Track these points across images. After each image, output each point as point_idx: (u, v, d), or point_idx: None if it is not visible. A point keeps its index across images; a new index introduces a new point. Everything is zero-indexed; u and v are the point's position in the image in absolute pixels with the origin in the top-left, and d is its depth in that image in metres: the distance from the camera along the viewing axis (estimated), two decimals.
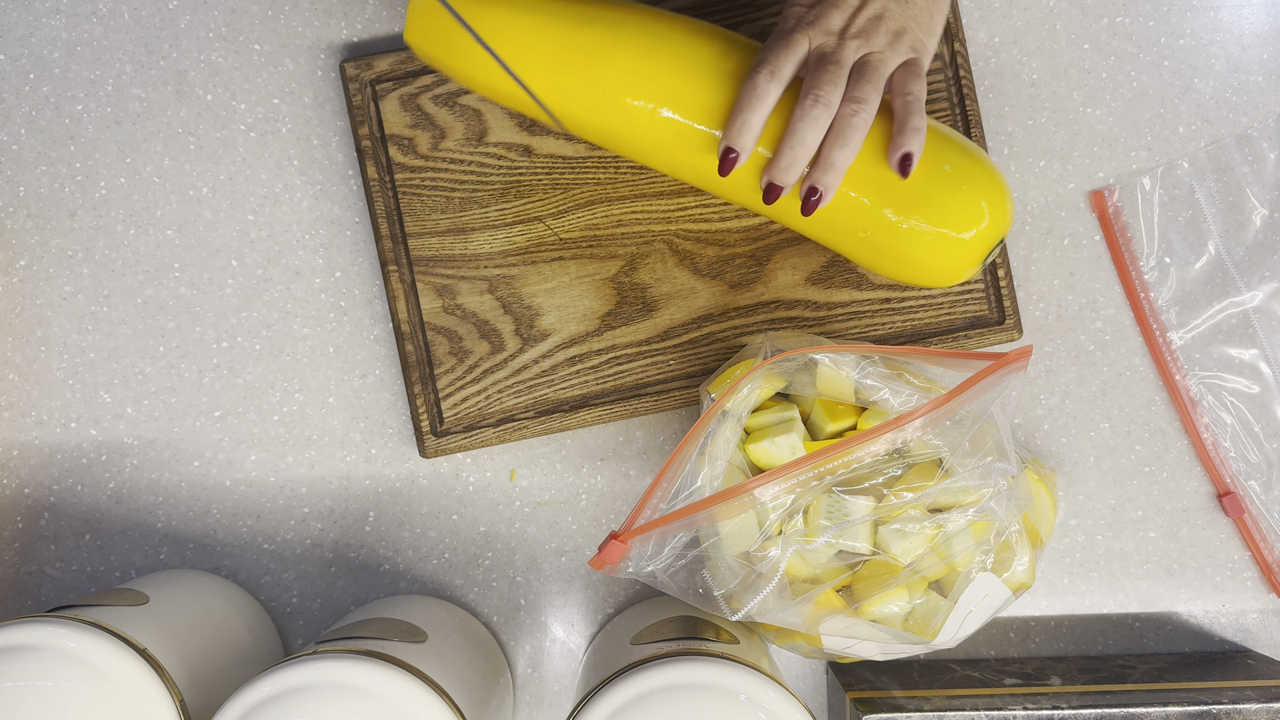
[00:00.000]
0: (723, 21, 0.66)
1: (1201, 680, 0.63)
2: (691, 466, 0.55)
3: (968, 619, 0.57)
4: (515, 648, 0.69)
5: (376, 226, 0.66)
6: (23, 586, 0.69)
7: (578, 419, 0.66)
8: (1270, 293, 0.68)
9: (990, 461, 0.55)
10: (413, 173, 0.66)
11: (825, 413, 0.58)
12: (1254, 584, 0.69)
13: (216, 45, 0.68)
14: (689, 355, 0.67)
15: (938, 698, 0.62)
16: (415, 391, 0.66)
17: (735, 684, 0.51)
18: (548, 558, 0.69)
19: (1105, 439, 0.69)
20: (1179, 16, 0.68)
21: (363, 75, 0.66)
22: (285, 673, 0.52)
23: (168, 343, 0.69)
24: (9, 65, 0.69)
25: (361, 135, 0.66)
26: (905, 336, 0.66)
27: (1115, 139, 0.69)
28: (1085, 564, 0.69)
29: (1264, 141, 0.68)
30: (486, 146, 0.66)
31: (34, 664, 0.53)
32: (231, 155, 0.69)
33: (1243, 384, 0.68)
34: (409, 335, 0.66)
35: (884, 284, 0.66)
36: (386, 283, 0.66)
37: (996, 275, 0.66)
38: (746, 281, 0.67)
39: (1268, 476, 0.68)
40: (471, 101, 0.66)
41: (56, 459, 0.69)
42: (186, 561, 0.69)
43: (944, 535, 0.55)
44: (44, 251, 0.69)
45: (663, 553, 0.56)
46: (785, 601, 0.55)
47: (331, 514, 0.69)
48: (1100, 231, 0.69)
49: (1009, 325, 0.66)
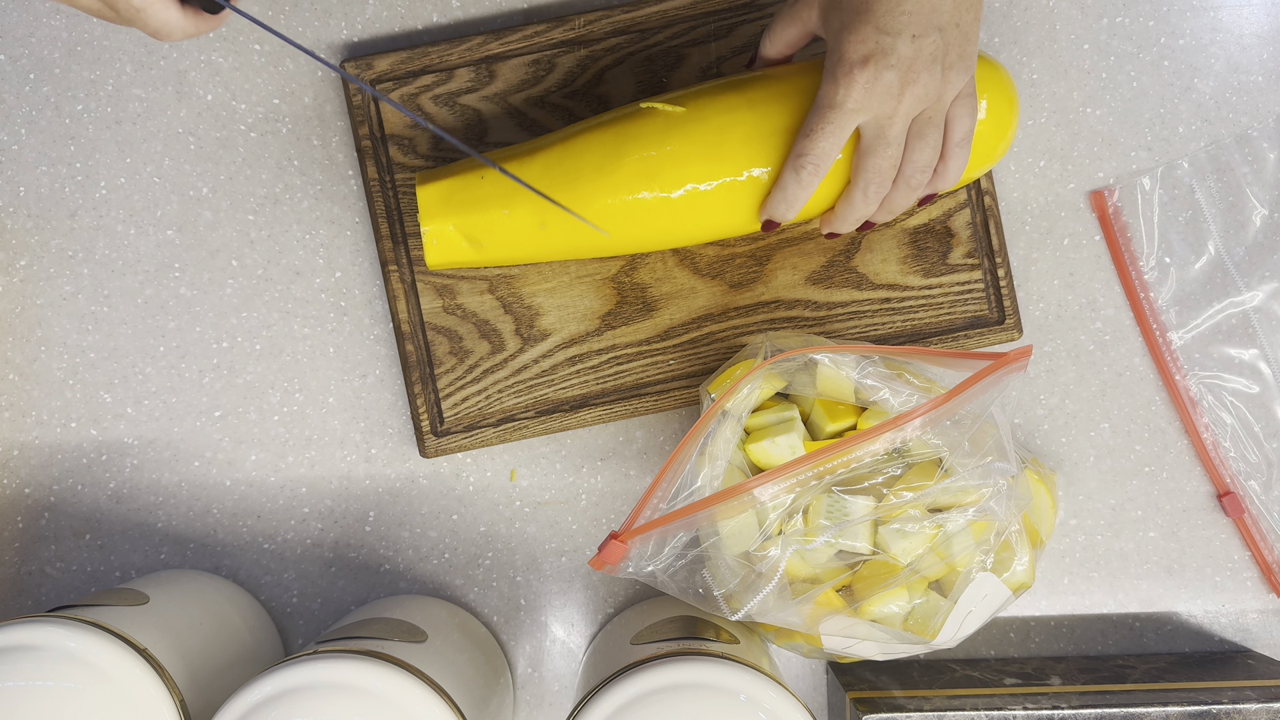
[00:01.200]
0: (721, 21, 0.66)
1: (1201, 680, 0.63)
2: (691, 466, 0.55)
3: (968, 619, 0.57)
4: (515, 648, 0.69)
5: (376, 226, 0.66)
6: (23, 586, 0.69)
7: (578, 419, 0.66)
8: (1270, 293, 0.68)
9: (990, 461, 0.55)
10: (413, 172, 0.66)
11: (825, 413, 0.58)
12: (1254, 584, 0.69)
13: (216, 45, 0.68)
14: (689, 355, 0.67)
15: (938, 698, 0.62)
16: (415, 391, 0.66)
17: (735, 684, 0.51)
18: (548, 558, 0.69)
19: (1105, 439, 0.69)
20: (1179, 16, 0.68)
21: (363, 75, 0.66)
22: (285, 673, 0.52)
23: (168, 343, 0.69)
24: (9, 65, 0.69)
25: (361, 135, 0.66)
26: (905, 336, 0.66)
27: (1115, 139, 0.69)
28: (1085, 564, 0.69)
29: (1264, 141, 0.68)
30: (486, 146, 0.66)
31: (34, 664, 0.53)
32: (231, 155, 0.69)
33: (1243, 384, 0.68)
34: (409, 335, 0.66)
35: (884, 283, 0.66)
36: (387, 283, 0.66)
37: (997, 275, 0.66)
38: (746, 281, 0.67)
39: (1268, 476, 0.68)
40: (472, 101, 0.66)
41: (56, 459, 0.69)
42: (187, 561, 0.69)
43: (944, 535, 0.55)
44: (44, 251, 0.69)
45: (663, 553, 0.56)
46: (785, 601, 0.55)
47: (331, 514, 0.69)
48: (1100, 231, 0.69)
49: (1009, 325, 0.66)
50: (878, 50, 0.52)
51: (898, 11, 0.51)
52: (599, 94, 0.66)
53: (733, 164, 0.57)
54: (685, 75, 0.66)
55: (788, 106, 0.57)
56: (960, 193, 0.66)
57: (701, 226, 0.59)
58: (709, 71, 0.66)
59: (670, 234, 0.60)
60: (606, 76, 0.66)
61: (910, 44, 0.52)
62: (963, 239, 0.66)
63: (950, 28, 0.52)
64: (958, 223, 0.66)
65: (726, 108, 0.57)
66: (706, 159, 0.57)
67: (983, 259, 0.66)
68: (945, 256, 0.66)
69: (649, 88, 0.66)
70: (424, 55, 0.66)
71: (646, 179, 0.57)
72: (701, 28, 0.66)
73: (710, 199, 0.58)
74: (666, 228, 0.59)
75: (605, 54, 0.66)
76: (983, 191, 0.66)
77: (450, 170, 0.60)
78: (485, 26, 0.68)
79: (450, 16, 0.68)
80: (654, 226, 0.59)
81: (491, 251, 0.61)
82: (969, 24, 0.53)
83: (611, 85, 0.66)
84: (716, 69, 0.66)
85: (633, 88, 0.66)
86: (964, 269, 0.66)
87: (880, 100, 0.53)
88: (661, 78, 0.66)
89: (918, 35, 0.52)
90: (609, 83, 0.66)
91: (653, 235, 0.60)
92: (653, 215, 0.58)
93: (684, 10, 0.65)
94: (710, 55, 0.66)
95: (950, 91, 0.54)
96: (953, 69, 0.53)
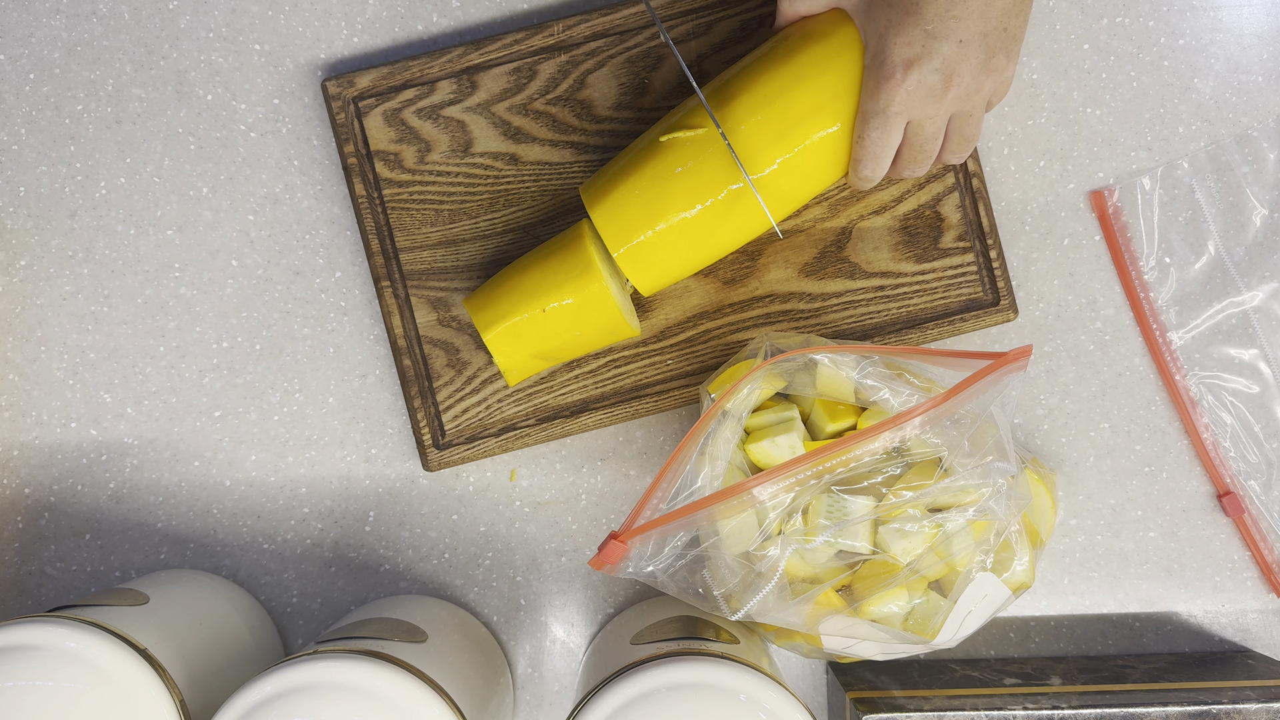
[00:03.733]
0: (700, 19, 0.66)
1: (1201, 680, 0.63)
2: (691, 466, 0.55)
3: (968, 619, 0.57)
4: (515, 648, 0.69)
5: (367, 243, 0.66)
6: (23, 586, 0.69)
7: (579, 424, 0.66)
8: (1270, 293, 0.68)
9: (990, 461, 0.55)
10: (400, 187, 0.66)
11: (825, 413, 0.58)
12: (1254, 584, 0.69)
13: (216, 45, 0.68)
14: (686, 354, 0.67)
15: (938, 698, 0.62)
16: (415, 405, 0.66)
17: (735, 684, 0.51)
18: (548, 558, 0.69)
19: (1105, 439, 0.69)
20: (1179, 16, 0.68)
21: (345, 93, 0.66)
22: (285, 673, 0.52)
23: (168, 343, 0.69)
24: (9, 65, 0.69)
25: (347, 153, 0.66)
26: (901, 323, 0.66)
27: (1115, 139, 0.69)
28: (1085, 564, 0.69)
29: (1264, 141, 0.68)
30: (473, 157, 0.66)
31: (34, 664, 0.53)
32: (231, 155, 0.69)
33: (1243, 384, 0.68)
34: (406, 350, 0.66)
35: (877, 271, 0.66)
36: (381, 299, 0.66)
37: (989, 257, 0.66)
38: (739, 277, 0.67)
39: (1268, 476, 0.68)
40: (455, 113, 0.66)
41: (56, 459, 0.69)
42: (187, 561, 0.69)
43: (944, 535, 0.55)
44: (44, 251, 0.69)
45: (663, 553, 0.56)
46: (785, 601, 0.55)
47: (331, 514, 0.69)
48: (1100, 231, 0.69)
49: (1004, 306, 0.66)
50: (924, 54, 0.52)
51: (948, 15, 0.51)
52: (581, 98, 0.66)
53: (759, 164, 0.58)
54: (666, 75, 0.66)
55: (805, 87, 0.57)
56: (948, 177, 0.66)
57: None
58: (691, 69, 0.66)
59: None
60: (588, 80, 0.66)
61: (956, 48, 0.52)
62: (953, 223, 0.66)
63: (996, 32, 0.53)
64: (947, 207, 0.66)
65: (752, 108, 0.58)
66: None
67: (974, 241, 0.66)
68: (936, 241, 0.66)
69: (631, 90, 0.66)
70: (405, 70, 0.65)
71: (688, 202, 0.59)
72: (680, 26, 0.66)
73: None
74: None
75: (585, 58, 0.66)
76: (970, 174, 0.66)
77: (497, 297, 0.61)
78: (466, 37, 0.68)
79: (451, 17, 0.68)
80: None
81: (562, 357, 0.63)
82: (1016, 27, 0.53)
83: (593, 89, 0.66)
84: (698, 67, 0.66)
85: (615, 90, 0.66)
86: (956, 253, 0.66)
87: (922, 103, 0.54)
88: (643, 79, 0.66)
89: (964, 40, 0.52)
90: (591, 86, 0.66)
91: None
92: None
93: (661, 10, 0.65)
94: (691, 54, 0.66)
95: (989, 88, 0.55)
96: (994, 71, 0.54)
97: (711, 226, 0.59)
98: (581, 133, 0.66)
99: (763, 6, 0.66)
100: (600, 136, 0.66)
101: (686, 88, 0.66)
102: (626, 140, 0.66)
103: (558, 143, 0.66)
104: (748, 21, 0.66)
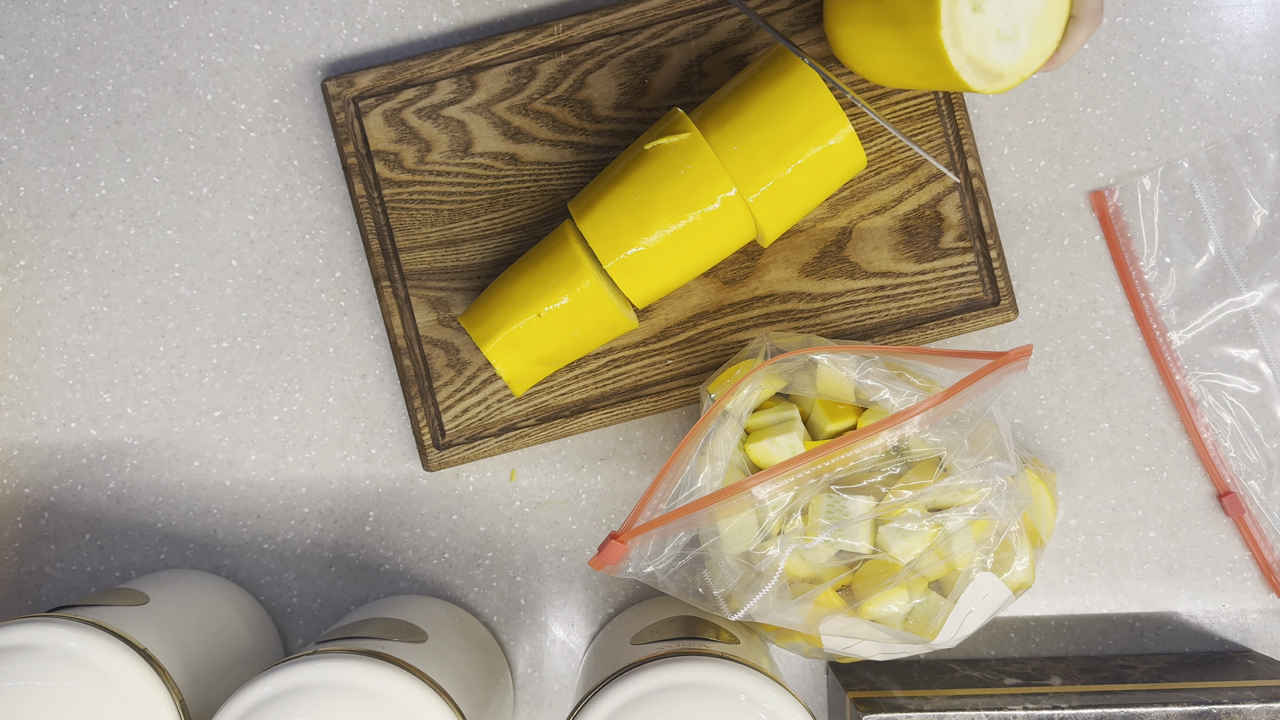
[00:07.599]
0: (700, 19, 0.66)
1: (1201, 680, 0.63)
2: (692, 466, 0.55)
3: (968, 619, 0.57)
4: (515, 648, 0.69)
5: (367, 243, 0.66)
6: (23, 586, 0.69)
7: (579, 424, 0.66)
8: (1270, 293, 0.68)
9: (990, 460, 0.55)
10: (400, 187, 0.66)
11: (825, 413, 0.58)
12: (1254, 584, 0.69)
13: (216, 45, 0.68)
14: (686, 354, 0.67)
15: (938, 698, 0.62)
16: (415, 405, 0.66)
17: (735, 684, 0.51)
18: (548, 558, 0.69)
19: (1105, 439, 0.69)
20: (1179, 16, 0.68)
21: (345, 93, 0.66)
22: (285, 673, 0.52)
23: (168, 343, 0.69)
24: (9, 65, 0.69)
25: (347, 153, 0.66)
26: (901, 323, 0.66)
27: (1115, 139, 0.69)
28: (1085, 564, 0.69)
29: (1264, 141, 0.68)
30: (473, 157, 0.66)
31: (34, 664, 0.53)
32: (231, 155, 0.69)
33: (1243, 384, 0.68)
34: (406, 350, 0.66)
35: (877, 271, 0.66)
36: (381, 299, 0.66)
37: (989, 256, 0.66)
38: (739, 277, 0.67)
39: (1268, 476, 0.68)
40: (455, 113, 0.66)
41: (56, 459, 0.69)
42: (187, 561, 0.69)
43: (944, 534, 0.55)
44: (44, 251, 0.69)
45: (663, 553, 0.56)
46: (785, 601, 0.55)
47: (331, 514, 0.69)
48: (1100, 231, 0.69)
49: (1004, 306, 0.66)
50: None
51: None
52: (581, 98, 0.66)
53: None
54: (667, 75, 0.66)
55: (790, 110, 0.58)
56: (948, 178, 0.66)
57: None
58: (690, 70, 0.66)
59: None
60: (588, 80, 0.66)
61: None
62: (953, 222, 0.66)
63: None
64: (947, 206, 0.66)
65: (760, 114, 0.58)
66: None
67: (974, 241, 0.66)
68: (936, 241, 0.66)
69: (631, 90, 0.66)
70: (405, 70, 0.65)
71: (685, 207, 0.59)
72: (680, 26, 0.66)
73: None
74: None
75: (585, 58, 0.66)
76: (971, 174, 0.66)
77: (491, 309, 0.62)
78: (466, 37, 0.68)
79: (451, 16, 0.68)
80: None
81: (563, 359, 0.63)
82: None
83: (594, 89, 0.66)
84: (698, 67, 0.66)
85: (615, 90, 0.66)
86: (956, 252, 0.66)
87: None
88: (643, 79, 0.66)
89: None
90: (591, 86, 0.66)
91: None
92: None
93: (662, 10, 0.65)
94: (691, 54, 0.66)
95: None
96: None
97: (703, 233, 0.59)
98: (581, 133, 0.66)
99: (762, 7, 0.66)
100: (600, 136, 0.66)
101: (686, 88, 0.66)
102: (627, 140, 0.66)
103: (558, 143, 0.66)
104: (748, 21, 0.66)
